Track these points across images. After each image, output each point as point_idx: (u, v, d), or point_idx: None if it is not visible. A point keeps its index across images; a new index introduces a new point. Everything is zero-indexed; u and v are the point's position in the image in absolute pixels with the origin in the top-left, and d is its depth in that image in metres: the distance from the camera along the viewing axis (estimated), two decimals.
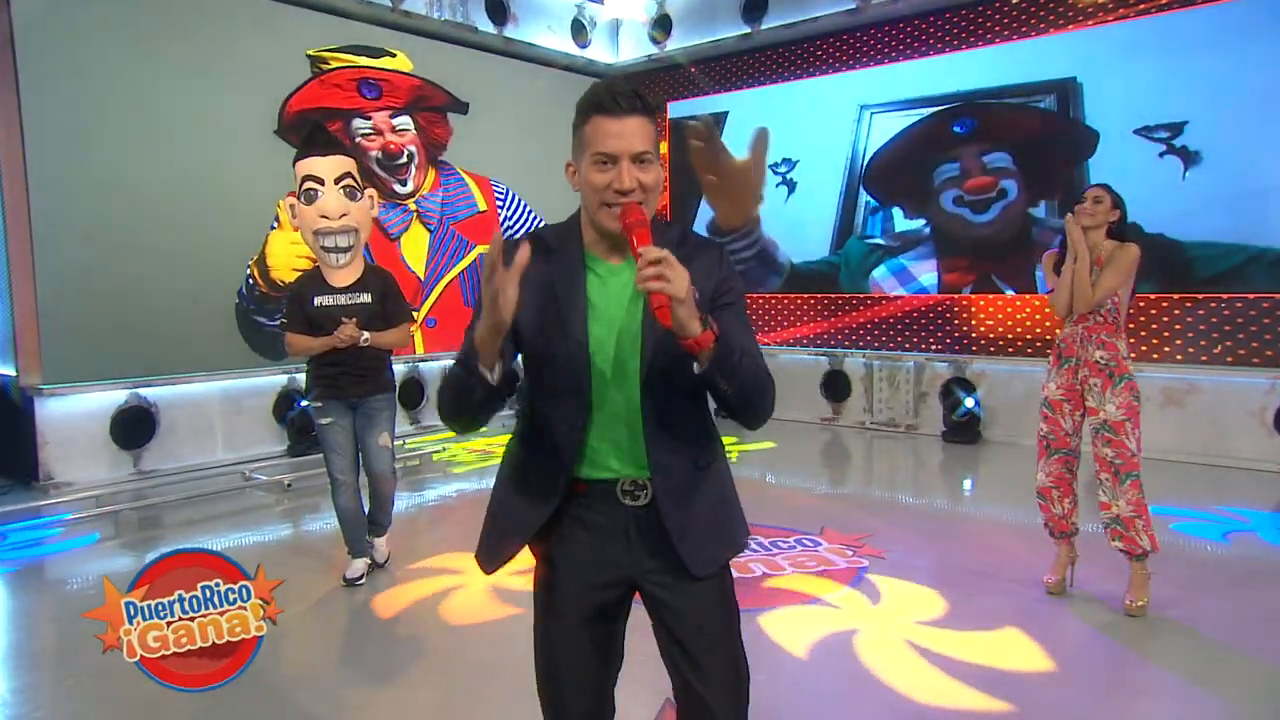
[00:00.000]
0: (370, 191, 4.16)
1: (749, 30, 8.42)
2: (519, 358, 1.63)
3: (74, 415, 5.97)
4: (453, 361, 1.57)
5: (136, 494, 5.80)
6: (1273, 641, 3.33)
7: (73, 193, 5.92)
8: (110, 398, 6.12)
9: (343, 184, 3.96)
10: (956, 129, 7.49)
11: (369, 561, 4.11)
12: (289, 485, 5.98)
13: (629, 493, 1.60)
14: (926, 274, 7.81)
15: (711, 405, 1.64)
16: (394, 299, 4.00)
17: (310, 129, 4.22)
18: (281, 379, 7.00)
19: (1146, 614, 3.52)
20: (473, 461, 6.93)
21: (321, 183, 3.93)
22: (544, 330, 1.56)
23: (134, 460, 6.21)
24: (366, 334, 3.81)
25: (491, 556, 1.68)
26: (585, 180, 1.54)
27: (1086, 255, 3.52)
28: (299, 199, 3.97)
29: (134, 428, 6.20)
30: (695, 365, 1.46)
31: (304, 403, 6.80)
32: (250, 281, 6.84)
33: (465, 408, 1.55)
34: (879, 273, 8.08)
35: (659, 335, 1.50)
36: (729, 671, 1.65)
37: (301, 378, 6.96)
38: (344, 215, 3.92)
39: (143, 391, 6.24)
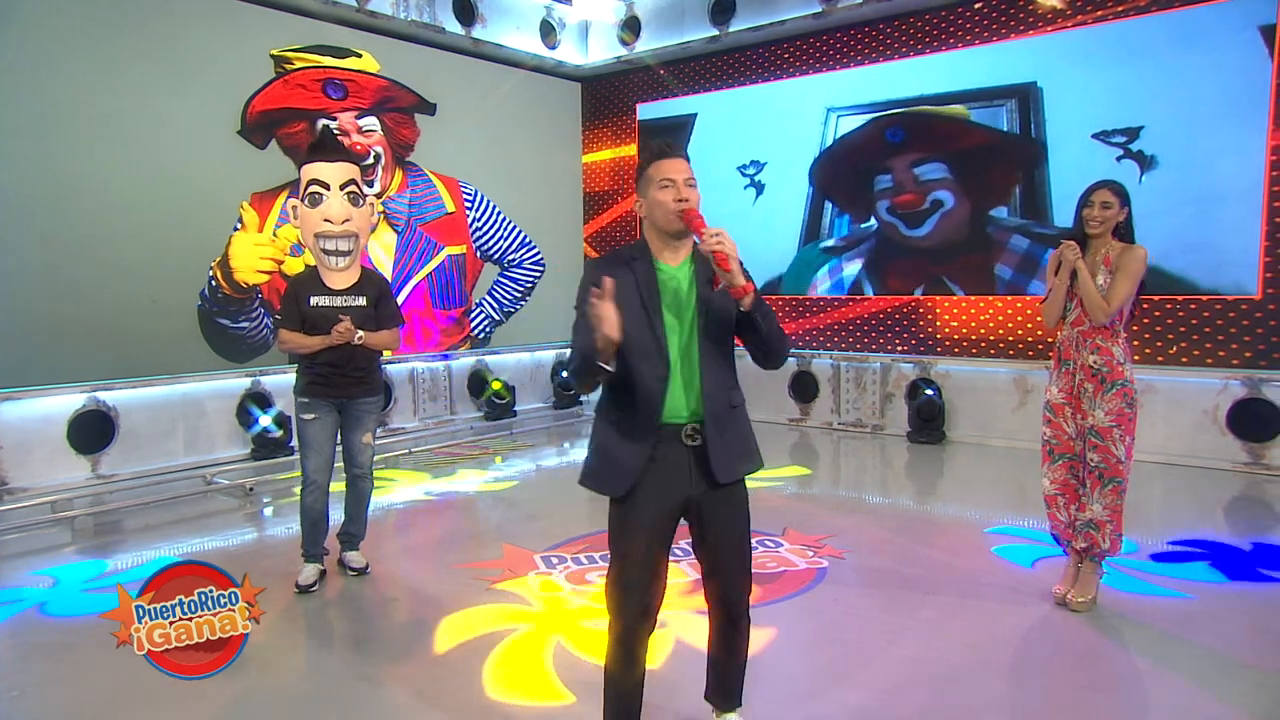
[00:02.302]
0: (371, 199, 4.26)
1: (717, 32, 8.46)
2: None
3: (29, 419, 5.86)
4: (573, 353, 2.25)
5: (95, 499, 5.72)
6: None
7: (28, 193, 5.82)
8: (68, 401, 6.02)
9: (347, 190, 4.08)
10: (890, 139, 7.66)
11: (321, 568, 4.10)
12: (251, 489, 5.92)
13: (690, 435, 2.25)
14: (851, 268, 8.05)
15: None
16: (387, 302, 4.10)
17: (319, 135, 4.40)
18: (245, 382, 6.92)
19: (1092, 609, 3.59)
20: (437, 463, 6.90)
21: (327, 187, 4.04)
22: (635, 316, 2.21)
23: (92, 465, 6.12)
24: (361, 333, 3.90)
25: (611, 489, 2.29)
26: (655, 200, 2.25)
27: (1086, 269, 3.47)
28: (303, 201, 4.08)
29: (92, 431, 6.11)
30: (741, 306, 2.17)
31: (262, 420, 6.74)
32: (213, 283, 6.76)
33: (592, 385, 2.21)
34: (819, 273, 8.28)
35: (706, 310, 2.26)
36: (739, 558, 2.37)
37: (265, 381, 6.95)
38: (346, 220, 4.04)
39: (101, 395, 6.15)
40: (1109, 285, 3.49)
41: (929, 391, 7.42)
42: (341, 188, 4.05)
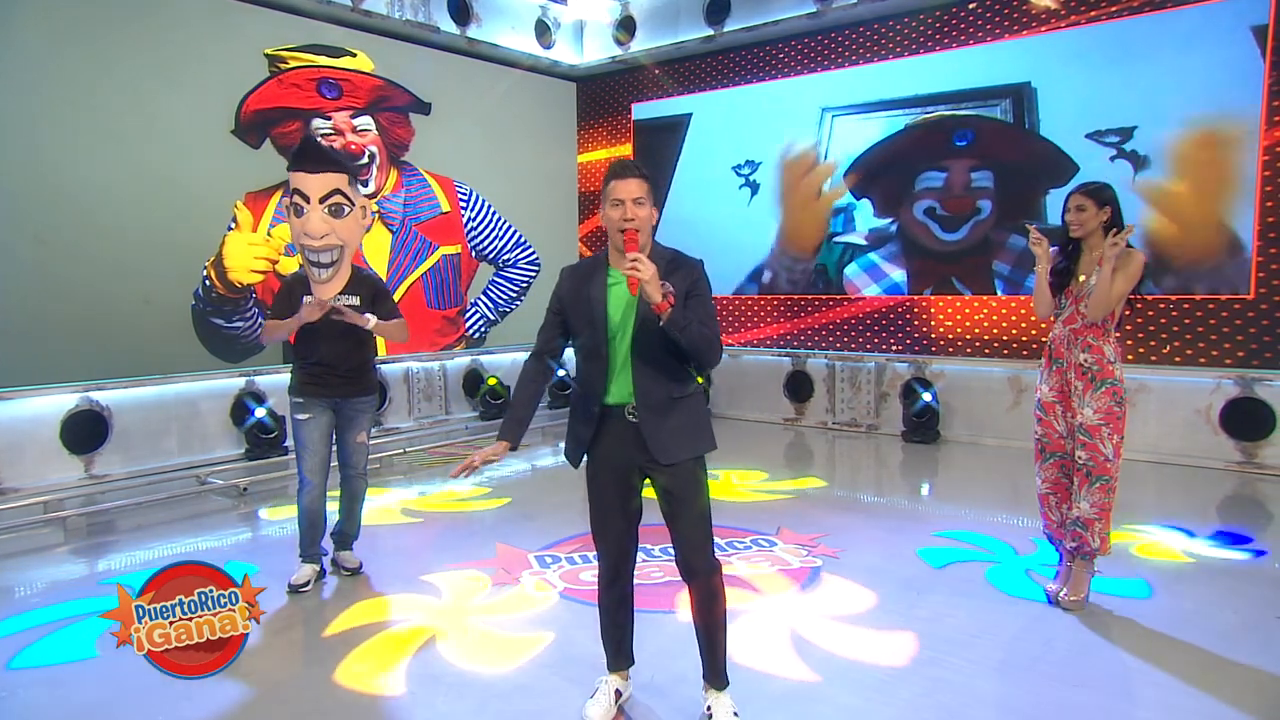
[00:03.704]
0: (362, 202, 4.16)
1: (712, 32, 8.46)
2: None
3: (22, 419, 5.85)
4: (525, 365, 2.76)
5: (88, 499, 5.71)
6: None
7: (20, 193, 5.81)
8: (60, 401, 6.01)
9: (328, 202, 3.97)
10: (958, 142, 7.39)
11: (317, 569, 4.09)
12: (245, 490, 5.91)
13: (631, 413, 2.59)
14: (898, 271, 7.84)
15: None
16: (384, 300, 4.07)
17: (302, 142, 4.27)
18: (239, 381, 6.91)
19: (1084, 608, 3.60)
20: (434, 463, 6.90)
21: (307, 200, 3.95)
22: (583, 322, 2.60)
23: (86, 465, 6.10)
24: (351, 301, 3.88)
25: (574, 459, 2.71)
26: (607, 215, 2.55)
27: (1107, 270, 3.44)
28: (290, 209, 4.01)
29: (86, 431, 6.09)
30: (660, 321, 2.44)
31: (258, 411, 6.74)
32: (207, 283, 6.75)
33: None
34: (851, 270, 8.12)
35: (643, 313, 2.52)
36: (695, 523, 2.63)
37: (259, 381, 6.94)
38: (325, 235, 3.94)
39: (95, 394, 6.14)
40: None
41: (927, 396, 7.42)
42: (322, 200, 3.95)
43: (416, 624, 3.64)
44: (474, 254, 8.80)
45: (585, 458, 2.68)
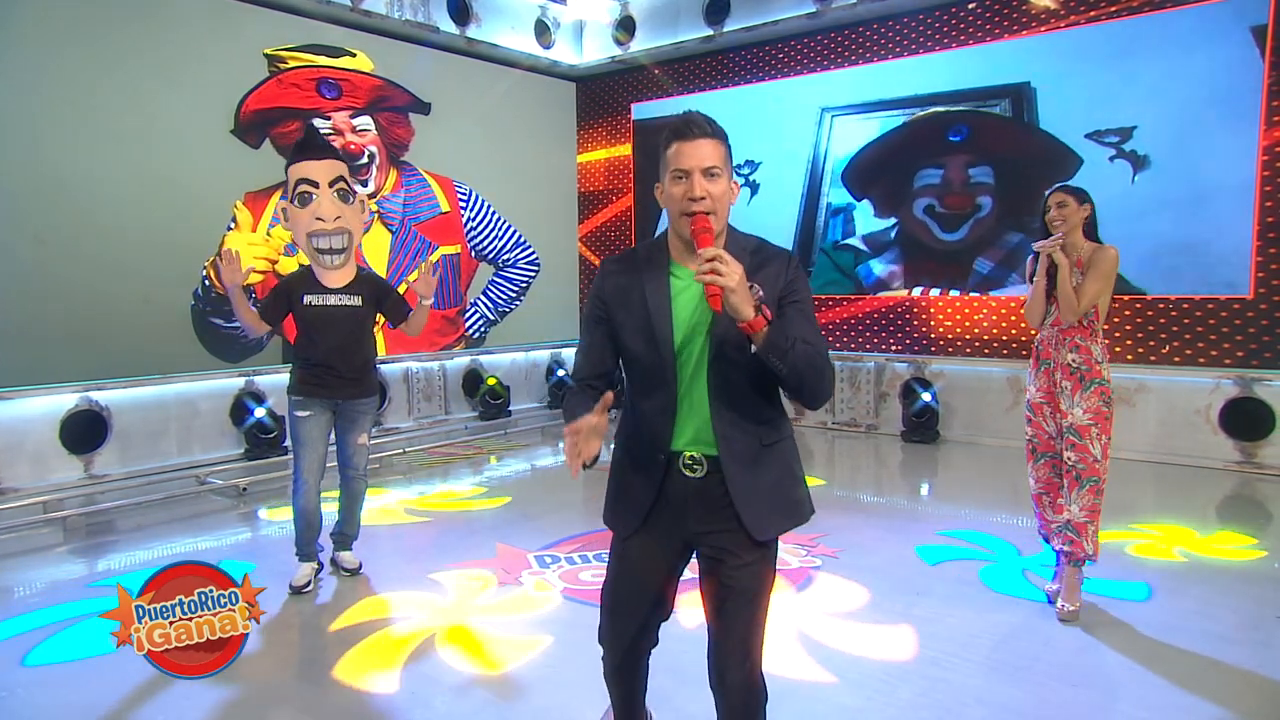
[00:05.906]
0: (361, 195, 4.20)
1: (712, 32, 8.46)
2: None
3: (22, 419, 5.84)
4: (565, 406, 1.92)
5: (88, 499, 5.71)
6: None
7: (19, 193, 5.81)
8: (60, 401, 6.00)
9: (336, 187, 4.00)
10: (952, 138, 7.39)
11: (316, 567, 4.09)
12: (244, 490, 5.91)
13: (688, 466, 1.89)
14: (898, 278, 7.84)
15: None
16: (391, 296, 4.09)
17: (304, 133, 4.31)
18: (239, 381, 6.91)
19: (1079, 617, 3.59)
20: (433, 463, 6.90)
21: (316, 185, 3.96)
22: (638, 335, 1.88)
23: (85, 465, 6.10)
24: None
25: (624, 525, 2.00)
26: (667, 193, 1.85)
27: (1066, 267, 3.48)
28: (293, 202, 4.00)
29: (85, 431, 6.09)
30: (752, 345, 1.76)
31: (258, 411, 6.74)
32: (206, 283, 6.75)
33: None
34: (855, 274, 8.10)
35: (723, 329, 1.81)
36: (751, 620, 1.89)
37: (259, 381, 6.93)
38: (338, 218, 3.96)
39: (94, 394, 6.13)
40: (1080, 285, 3.51)
41: (926, 396, 7.42)
42: (331, 185, 3.98)
43: (417, 624, 3.64)
44: (473, 254, 8.80)
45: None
